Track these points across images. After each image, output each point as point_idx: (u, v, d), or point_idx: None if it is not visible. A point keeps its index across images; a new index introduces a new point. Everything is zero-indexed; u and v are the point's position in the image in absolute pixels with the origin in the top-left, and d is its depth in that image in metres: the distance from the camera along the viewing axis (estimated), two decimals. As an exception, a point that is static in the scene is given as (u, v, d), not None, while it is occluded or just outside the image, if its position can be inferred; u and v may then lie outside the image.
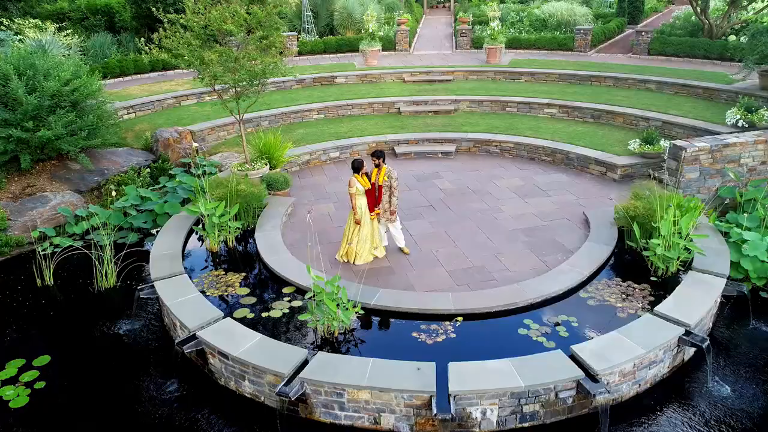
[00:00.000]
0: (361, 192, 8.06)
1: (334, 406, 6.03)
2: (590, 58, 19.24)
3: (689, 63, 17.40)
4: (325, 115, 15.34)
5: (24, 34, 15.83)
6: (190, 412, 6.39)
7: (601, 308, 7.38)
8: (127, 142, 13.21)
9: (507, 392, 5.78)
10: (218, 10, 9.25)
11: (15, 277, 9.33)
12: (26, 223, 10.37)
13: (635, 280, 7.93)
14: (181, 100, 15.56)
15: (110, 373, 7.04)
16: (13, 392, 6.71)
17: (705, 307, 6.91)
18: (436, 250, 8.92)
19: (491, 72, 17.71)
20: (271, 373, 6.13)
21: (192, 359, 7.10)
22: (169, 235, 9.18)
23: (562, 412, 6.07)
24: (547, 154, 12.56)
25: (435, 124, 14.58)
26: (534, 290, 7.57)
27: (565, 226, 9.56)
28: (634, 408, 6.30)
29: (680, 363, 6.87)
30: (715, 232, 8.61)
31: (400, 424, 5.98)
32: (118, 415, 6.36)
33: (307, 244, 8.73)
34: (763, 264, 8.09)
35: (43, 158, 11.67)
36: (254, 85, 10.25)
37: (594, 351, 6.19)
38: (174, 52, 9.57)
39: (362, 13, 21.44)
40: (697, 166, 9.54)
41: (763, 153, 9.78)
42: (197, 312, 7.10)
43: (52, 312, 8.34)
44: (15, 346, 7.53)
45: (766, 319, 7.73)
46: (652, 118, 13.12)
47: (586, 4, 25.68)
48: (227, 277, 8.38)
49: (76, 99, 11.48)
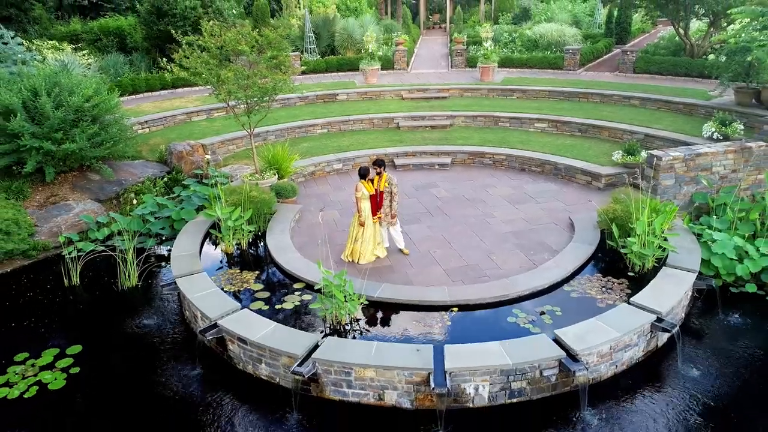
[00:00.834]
0: (366, 196, 8.86)
1: (342, 384, 6.75)
2: (579, 76, 20.24)
3: (672, 80, 18.38)
4: (328, 130, 16.22)
5: (43, 55, 16.71)
6: (212, 393, 7.09)
7: (582, 300, 8.15)
8: (142, 155, 14.03)
9: (497, 369, 6.51)
10: (233, 33, 10.15)
11: (44, 277, 10.07)
12: (51, 229, 11.13)
13: (614, 276, 8.72)
14: (192, 116, 16.44)
15: (137, 359, 7.75)
16: (51, 376, 7.41)
17: (676, 298, 7.67)
18: (433, 250, 9.70)
19: (485, 89, 18.67)
20: (286, 355, 6.86)
21: (212, 347, 7.81)
22: (187, 237, 9.94)
23: (546, 389, 6.79)
24: (536, 165, 13.41)
25: (432, 138, 15.46)
26: (522, 284, 8.34)
27: (552, 230, 10.35)
28: (612, 387, 7.02)
29: (654, 348, 7.61)
30: (688, 233, 9.41)
31: (401, 400, 6.69)
32: (146, 395, 7.05)
33: (318, 242, 9.50)
34: (731, 261, 8.88)
35: (65, 170, 12.46)
36: (264, 100, 11.11)
37: (575, 334, 6.93)
38: (192, 71, 10.42)
39: (362, 34, 22.49)
40: (673, 173, 10.38)
41: (733, 162, 10.62)
42: (217, 304, 7.84)
43: (80, 307, 9.08)
44: (49, 338, 8.24)
45: (733, 311, 8.49)
46: (636, 131, 14.01)
47: (575, 25, 26.86)
48: (242, 275, 9.13)
49: (96, 114, 12.31)
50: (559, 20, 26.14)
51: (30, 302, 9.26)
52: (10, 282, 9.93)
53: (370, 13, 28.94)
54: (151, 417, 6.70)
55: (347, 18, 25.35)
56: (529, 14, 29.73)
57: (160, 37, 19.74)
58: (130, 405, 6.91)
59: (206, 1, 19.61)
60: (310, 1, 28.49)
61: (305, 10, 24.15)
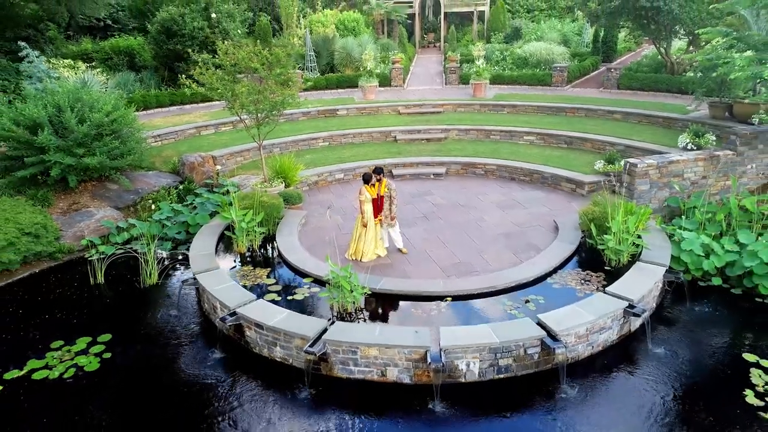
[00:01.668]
0: (369, 200, 9.78)
1: (349, 362, 7.60)
2: (566, 92, 21.36)
3: (653, 96, 19.49)
4: (329, 143, 17.20)
5: (59, 72, 17.67)
6: (232, 373, 7.92)
7: (563, 290, 9.06)
8: (156, 166, 14.94)
9: (486, 347, 7.39)
10: (246, 52, 11.15)
11: (70, 276, 10.91)
12: (75, 233, 11.99)
13: (593, 270, 9.65)
14: (201, 129, 17.40)
15: (162, 346, 8.58)
16: (86, 360, 8.23)
17: (646, 288, 8.58)
18: (429, 250, 10.61)
19: (477, 105, 19.73)
20: (298, 338, 7.71)
21: (230, 335, 8.65)
22: (203, 239, 10.82)
23: (530, 366, 7.65)
24: (525, 174, 14.38)
25: (427, 150, 16.45)
26: (509, 277, 9.25)
27: (538, 232, 11.28)
28: (589, 365, 7.88)
29: (627, 332, 8.49)
30: (660, 232, 10.36)
31: (402, 376, 7.55)
32: (172, 375, 7.88)
33: (324, 240, 10.38)
34: (698, 257, 9.81)
35: (85, 179, 13.35)
36: (273, 114, 12.07)
37: (555, 318, 7.82)
38: (209, 86, 11.39)
39: (360, 53, 23.62)
40: (647, 179, 11.35)
41: (703, 169, 11.61)
42: (234, 295, 8.70)
43: (107, 302, 9.93)
44: (81, 328, 9.07)
45: (700, 302, 9.39)
46: (617, 143, 15.02)
47: (564, 44, 28.08)
48: (255, 271, 10.02)
49: (115, 128, 13.24)
50: (549, 39, 27.36)
51: (60, 298, 10.11)
52: (40, 281, 10.78)
53: (368, 32, 30.12)
54: (178, 393, 7.52)
55: (346, 37, 26.50)
56: (520, 33, 30.97)
57: (168, 56, 20.80)
58: (158, 383, 7.74)
59: (213, 21, 20.70)
60: (310, 21, 29.67)
61: (306, 30, 25.30)
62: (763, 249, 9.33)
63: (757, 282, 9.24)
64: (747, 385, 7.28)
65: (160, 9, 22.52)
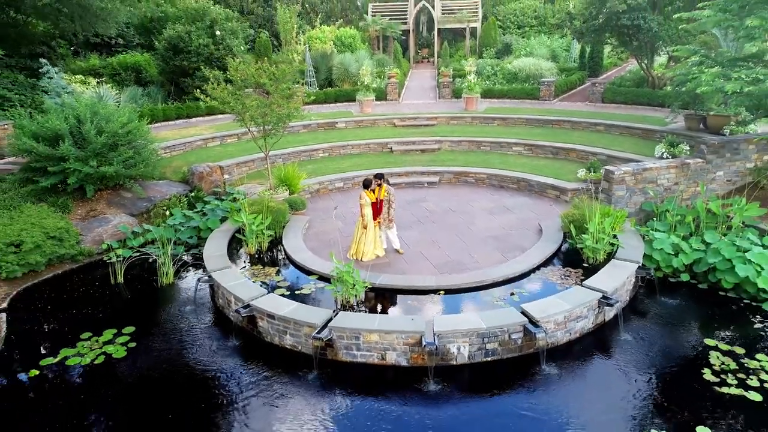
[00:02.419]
0: (368, 203, 10.72)
1: (352, 347, 8.49)
2: (553, 105, 22.47)
3: (635, 109, 20.60)
4: (329, 154, 18.18)
5: (72, 87, 18.61)
6: (246, 359, 8.79)
7: (545, 284, 10.01)
8: (166, 175, 15.84)
9: (474, 332, 8.29)
10: (255, 68, 12.15)
11: (92, 277, 11.78)
12: (94, 238, 12.85)
13: (573, 267, 10.61)
14: (207, 141, 18.35)
15: (181, 336, 9.44)
16: (114, 348, 9.08)
17: (619, 281, 9.53)
18: (423, 250, 11.54)
19: (469, 117, 20.79)
20: (307, 326, 8.60)
21: (243, 326, 9.52)
22: (216, 241, 11.72)
23: (514, 350, 8.56)
24: (513, 182, 15.38)
25: (422, 160, 17.45)
26: (497, 273, 10.19)
27: (524, 234, 12.24)
28: (567, 350, 8.80)
29: (602, 321, 9.42)
30: (635, 233, 11.35)
31: (399, 359, 8.44)
32: (192, 362, 8.74)
33: (327, 241, 11.30)
34: (668, 255, 10.79)
35: (101, 188, 14.24)
36: (279, 126, 13.04)
37: (536, 307, 8.74)
38: (221, 100, 12.36)
39: (357, 69, 24.71)
40: (624, 185, 12.35)
41: (675, 176, 12.62)
42: (247, 290, 9.59)
43: (128, 298, 10.80)
44: (107, 321, 9.92)
45: (669, 295, 10.33)
46: (599, 153, 16.06)
47: (553, 59, 29.29)
48: (265, 270, 10.92)
49: (130, 139, 14.16)
50: (538, 55, 28.55)
51: (85, 295, 10.97)
52: (65, 281, 11.63)
53: (364, 48, 31.28)
54: (199, 376, 8.38)
55: (343, 53, 27.61)
56: (511, 49, 32.21)
57: (174, 71, 21.81)
58: (181, 368, 8.60)
59: (217, 39, 21.74)
60: (309, 37, 30.81)
61: (305, 47, 26.40)
62: (725, 247, 10.31)
63: (720, 277, 10.21)
64: (706, 365, 8.21)
65: (165, 26, 23.57)
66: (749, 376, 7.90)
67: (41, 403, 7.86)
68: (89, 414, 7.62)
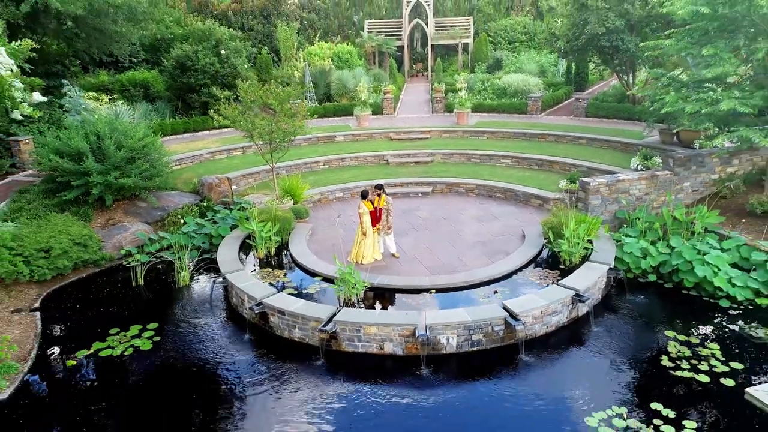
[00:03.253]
0: (366, 212, 11.89)
1: (354, 339, 9.62)
2: (540, 119, 23.77)
3: (616, 123, 21.91)
4: (329, 166, 19.37)
5: (86, 104, 19.74)
6: (259, 350, 9.91)
7: (525, 284, 11.19)
8: (178, 186, 16.97)
9: (461, 325, 9.44)
10: (263, 90, 13.37)
11: (114, 279, 12.89)
12: (114, 244, 13.96)
13: (550, 268, 11.81)
14: (215, 154, 19.52)
15: (201, 331, 10.55)
16: (141, 342, 10.18)
17: (591, 281, 10.70)
18: (417, 255, 12.70)
19: (460, 131, 22.05)
20: (314, 320, 9.72)
21: (255, 322, 10.63)
22: (228, 247, 12.86)
23: (497, 341, 9.70)
24: (500, 192, 16.60)
25: (416, 171, 18.66)
26: (483, 274, 11.36)
27: (508, 239, 13.42)
28: (544, 341, 9.95)
29: (576, 316, 10.57)
30: (608, 239, 12.55)
31: (395, 349, 9.57)
32: (212, 353, 9.85)
33: (329, 247, 12.46)
34: (637, 258, 11.99)
35: (118, 198, 15.35)
36: (285, 141, 14.24)
37: (516, 303, 9.89)
38: (231, 119, 13.56)
39: (354, 85, 25.99)
40: (599, 195, 13.57)
41: (646, 186, 13.85)
42: (259, 290, 10.71)
43: (150, 297, 11.91)
44: (132, 318, 11.01)
45: (637, 294, 11.51)
46: (580, 165, 17.31)
47: (542, 74, 30.64)
48: (273, 272, 12.07)
49: (146, 153, 15.31)
50: (528, 70, 29.90)
51: (109, 296, 12.08)
52: (89, 283, 12.73)
53: (360, 64, 32.59)
54: (219, 365, 9.49)
55: (341, 69, 28.90)
56: (501, 64, 33.61)
57: (182, 87, 23.01)
58: (202, 358, 9.71)
59: (222, 57, 22.98)
60: (308, 53, 32.10)
61: (305, 64, 27.69)
62: (687, 251, 11.53)
63: (682, 277, 11.42)
64: (664, 353, 9.38)
65: (171, 45, 24.81)
66: (701, 362, 9.07)
67: (81, 387, 8.95)
68: (124, 395, 8.73)
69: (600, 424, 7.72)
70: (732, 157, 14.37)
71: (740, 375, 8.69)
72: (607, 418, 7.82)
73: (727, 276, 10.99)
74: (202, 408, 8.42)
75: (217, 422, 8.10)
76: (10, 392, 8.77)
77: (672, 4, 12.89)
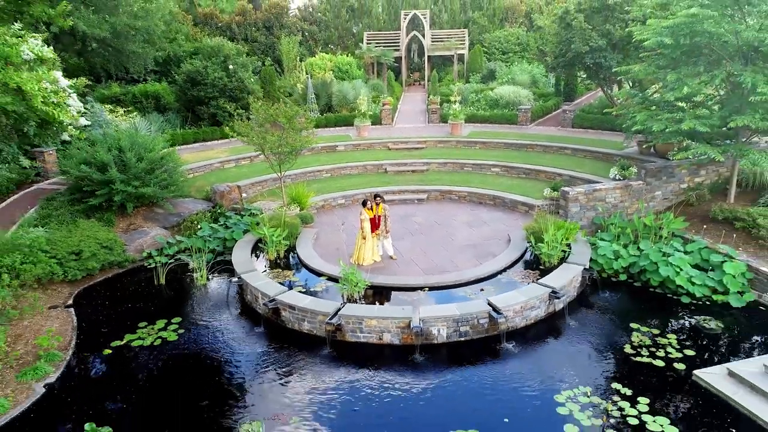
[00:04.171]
0: (366, 219, 13.25)
1: (356, 330, 10.95)
2: (529, 130, 25.17)
3: (600, 134, 23.31)
4: (331, 174, 20.74)
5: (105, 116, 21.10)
6: (272, 341, 11.24)
7: (509, 282, 12.56)
8: (191, 194, 18.32)
9: (451, 318, 10.78)
10: (273, 108, 14.75)
11: (138, 279, 14.21)
12: (136, 247, 15.28)
13: (532, 269, 13.18)
14: (224, 164, 20.89)
15: (220, 325, 11.87)
16: (167, 333, 11.49)
17: (566, 280, 12.05)
18: (413, 257, 14.06)
19: (454, 141, 23.45)
20: (321, 314, 11.05)
21: (269, 317, 11.95)
22: (241, 249, 14.21)
23: (482, 332, 11.04)
24: (490, 199, 17.98)
25: (412, 179, 20.04)
26: (471, 274, 12.73)
27: (496, 243, 14.79)
28: (524, 333, 11.29)
29: (553, 311, 11.92)
30: (585, 243, 13.93)
31: (393, 339, 10.91)
32: (231, 343, 11.18)
33: (333, 251, 13.81)
34: (610, 260, 13.36)
35: (138, 205, 16.68)
36: (293, 154, 15.61)
37: (500, 299, 11.25)
38: (244, 134, 14.93)
39: (354, 96, 27.41)
40: (578, 203, 14.95)
41: (620, 195, 15.24)
42: (272, 288, 12.04)
43: (172, 295, 13.25)
44: (157, 313, 12.33)
45: (609, 291, 12.88)
46: (564, 173, 18.69)
47: (534, 85, 32.06)
48: (283, 272, 13.42)
49: (163, 163, 16.66)
50: (520, 81, 31.29)
51: (134, 294, 13.40)
52: (116, 282, 14.06)
53: (360, 75, 34.02)
54: (237, 354, 10.82)
55: (342, 81, 30.31)
56: (495, 74, 35.03)
57: (191, 100, 24.39)
58: (222, 347, 11.04)
59: (230, 71, 24.37)
60: (309, 64, 33.51)
61: (307, 76, 29.10)
62: (653, 253, 12.92)
63: (649, 276, 12.79)
64: (628, 342, 10.74)
65: (181, 59, 26.17)
66: (658, 350, 10.43)
67: (117, 371, 10.28)
68: (155, 378, 10.06)
69: (567, 400, 9.08)
70: (699, 168, 15.77)
71: (691, 360, 10.05)
72: (573, 396, 9.18)
73: (688, 275, 12.37)
74: (224, 389, 9.74)
75: (237, 400, 9.42)
76: (57, 376, 10.09)
77: (641, 34, 14.31)
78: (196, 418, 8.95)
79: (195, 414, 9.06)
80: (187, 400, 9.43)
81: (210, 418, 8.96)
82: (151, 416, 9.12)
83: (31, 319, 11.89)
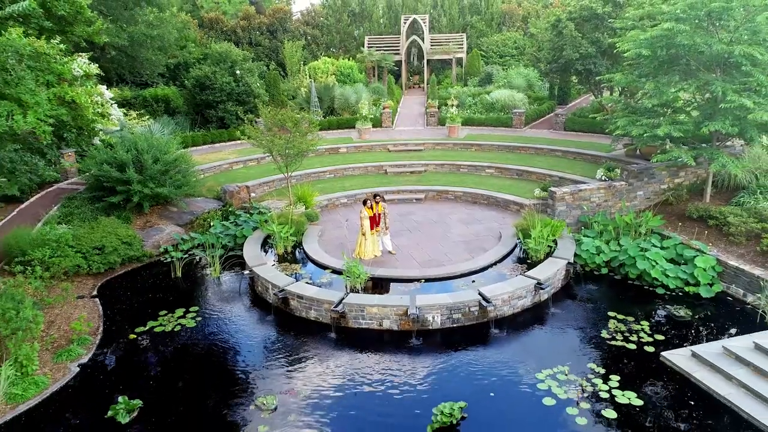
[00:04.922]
0: (366, 217, 14.36)
1: (359, 317, 12.06)
2: (523, 132, 26.29)
3: (590, 137, 24.41)
4: (334, 175, 21.86)
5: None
6: (282, 328, 12.35)
7: (498, 275, 13.68)
8: (202, 193, 19.44)
9: (444, 306, 11.89)
10: (282, 114, 15.87)
11: (155, 272, 15.33)
12: (153, 243, 16.40)
13: (520, 263, 14.30)
14: (233, 165, 22.01)
15: (234, 313, 12.99)
16: (186, 321, 12.61)
17: (551, 272, 13.15)
18: (410, 252, 15.17)
19: (451, 143, 24.56)
20: (326, 303, 12.16)
21: (278, 306, 13.06)
22: (251, 245, 15.33)
23: (473, 319, 12.14)
24: (484, 198, 19.09)
25: (411, 180, 21.15)
26: (464, 267, 13.85)
27: (488, 239, 15.90)
28: (512, 320, 12.40)
29: (538, 300, 13.02)
30: (570, 239, 15.03)
31: (392, 325, 12.01)
32: (244, 329, 12.30)
33: (337, 246, 14.94)
34: (592, 254, 14.47)
35: (153, 204, 17.80)
36: (300, 157, 16.73)
37: (489, 289, 12.35)
38: (254, 138, 16.05)
39: (356, 100, 28.54)
40: (564, 202, 16.06)
41: (604, 195, 16.34)
42: (281, 279, 13.17)
43: (188, 286, 14.37)
44: (176, 303, 13.44)
45: (591, 283, 13.97)
46: (554, 175, 19.80)
47: (530, 88, 33.15)
48: (291, 266, 14.54)
49: (178, 165, 17.78)
50: (516, 85, 32.38)
51: (154, 285, 14.52)
52: (135, 275, 15.18)
53: (361, 78, 35.13)
54: (250, 338, 11.94)
55: (344, 85, 31.45)
56: (492, 78, 36.14)
57: (200, 104, 25.53)
58: (237, 333, 12.16)
59: (238, 77, 25.50)
60: (312, 67, 34.63)
61: (311, 80, 30.23)
62: (632, 248, 14.03)
63: (628, 270, 13.90)
64: (605, 328, 11.84)
65: (189, 64, 27.29)
66: (632, 335, 11.54)
67: (143, 354, 11.41)
68: (176, 360, 11.19)
69: (547, 378, 10.19)
70: (679, 170, 16.88)
71: (660, 344, 11.17)
72: (552, 374, 10.29)
73: (663, 269, 13.48)
74: (240, 368, 10.86)
75: (252, 377, 10.53)
76: (88, 357, 11.22)
77: (622, 45, 15.43)
78: (217, 393, 10.07)
79: (215, 389, 10.18)
80: (208, 378, 10.55)
81: (229, 392, 10.08)
82: (176, 391, 10.24)
83: (61, 307, 13.00)
